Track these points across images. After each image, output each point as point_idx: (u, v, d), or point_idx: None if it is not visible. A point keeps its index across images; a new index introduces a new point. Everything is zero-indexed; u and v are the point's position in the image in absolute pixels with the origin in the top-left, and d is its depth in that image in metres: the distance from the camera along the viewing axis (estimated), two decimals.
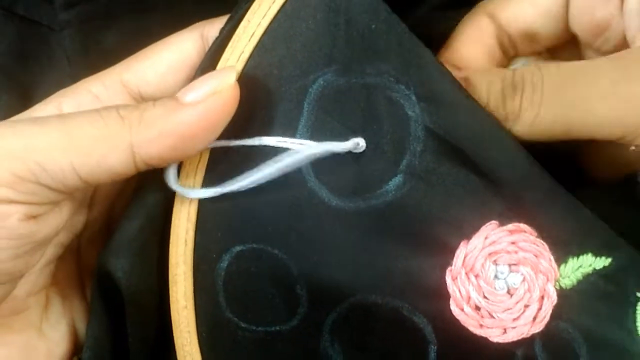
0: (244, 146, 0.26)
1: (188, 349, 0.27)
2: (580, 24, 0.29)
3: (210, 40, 0.27)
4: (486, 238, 0.25)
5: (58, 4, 0.36)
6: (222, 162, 0.26)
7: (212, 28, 0.28)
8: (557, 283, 0.26)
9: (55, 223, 0.25)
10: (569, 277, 0.26)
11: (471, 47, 0.30)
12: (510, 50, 0.31)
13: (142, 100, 0.28)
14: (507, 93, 0.25)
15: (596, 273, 0.26)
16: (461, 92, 0.25)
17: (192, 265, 0.27)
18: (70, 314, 0.29)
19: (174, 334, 0.27)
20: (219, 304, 0.27)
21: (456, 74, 0.26)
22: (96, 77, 0.28)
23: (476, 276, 0.25)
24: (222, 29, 0.27)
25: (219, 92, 0.24)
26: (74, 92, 0.28)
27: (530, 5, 0.30)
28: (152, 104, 0.24)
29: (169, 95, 0.27)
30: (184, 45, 0.28)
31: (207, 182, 0.26)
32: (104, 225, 0.30)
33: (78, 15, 0.36)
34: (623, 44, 0.28)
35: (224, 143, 0.26)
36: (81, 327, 0.29)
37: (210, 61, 0.26)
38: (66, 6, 0.35)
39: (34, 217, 0.24)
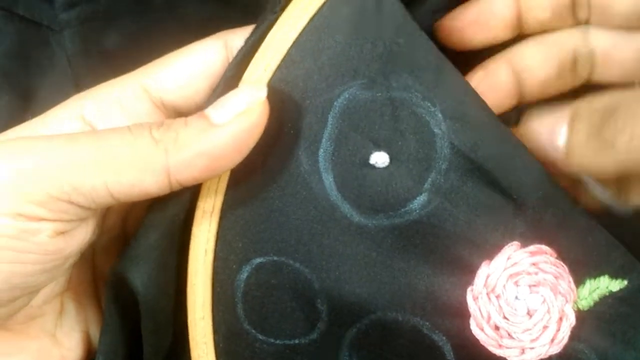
0: (268, 162, 0.26)
1: None
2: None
3: (235, 50, 0.27)
4: (508, 259, 0.25)
5: (58, 5, 0.35)
6: (245, 179, 0.26)
7: (236, 37, 0.27)
8: (575, 304, 0.26)
9: (82, 237, 0.25)
10: (586, 298, 0.26)
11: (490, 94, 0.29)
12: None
13: (163, 106, 0.28)
14: (604, 122, 0.25)
15: (612, 295, 0.26)
16: (486, 110, 0.26)
17: (211, 275, 0.27)
18: (84, 320, 0.28)
19: (191, 345, 0.27)
20: (237, 315, 0.27)
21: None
22: (118, 80, 0.28)
23: (497, 297, 0.25)
24: (248, 38, 0.26)
25: (249, 111, 0.24)
26: (95, 96, 0.27)
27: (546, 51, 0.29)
28: (183, 124, 0.24)
29: (191, 103, 0.28)
30: (207, 53, 0.27)
31: (228, 202, 0.26)
32: (119, 232, 0.30)
33: (78, 16, 0.36)
34: None
35: None
36: (95, 334, 0.29)
37: (235, 71, 0.26)
38: (66, 7, 0.35)
39: (62, 233, 0.24)
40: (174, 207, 0.27)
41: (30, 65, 0.36)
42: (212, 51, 0.28)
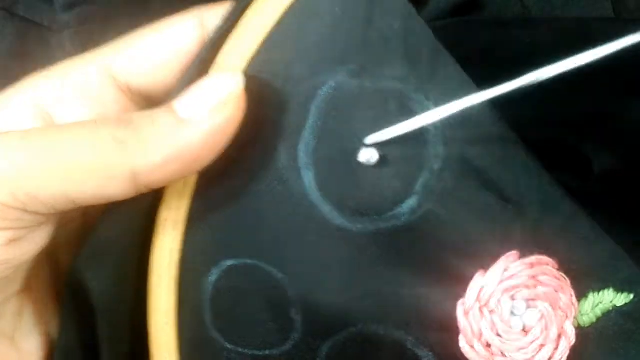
0: (243, 156, 0.23)
1: None
2: None
3: (212, 29, 0.24)
4: (505, 270, 0.23)
5: (58, 5, 0.35)
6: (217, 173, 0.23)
7: (213, 15, 0.24)
8: (576, 320, 0.24)
9: (39, 242, 0.23)
10: (588, 314, 0.24)
11: None
12: None
13: (129, 91, 0.25)
14: None
15: (616, 310, 0.24)
16: (486, 107, 0.23)
17: (176, 278, 0.25)
18: (44, 322, 0.26)
19: (153, 352, 0.25)
20: (204, 321, 0.25)
21: None
22: (78, 60, 0.25)
23: (491, 311, 0.23)
24: (226, 17, 0.24)
25: (224, 105, 0.21)
26: (51, 77, 0.24)
27: None
28: (150, 122, 0.21)
29: (162, 88, 0.25)
30: (181, 32, 0.25)
31: (197, 198, 0.24)
32: (80, 224, 0.27)
33: (77, 17, 0.36)
34: None
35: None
36: (56, 337, 0.26)
37: (209, 54, 0.23)
38: (66, 7, 0.35)
39: (16, 240, 0.21)
40: (137, 202, 0.24)
41: (29, 65, 0.34)
42: (187, 30, 0.25)
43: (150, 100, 0.26)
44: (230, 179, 0.24)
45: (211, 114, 0.21)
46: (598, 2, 0.36)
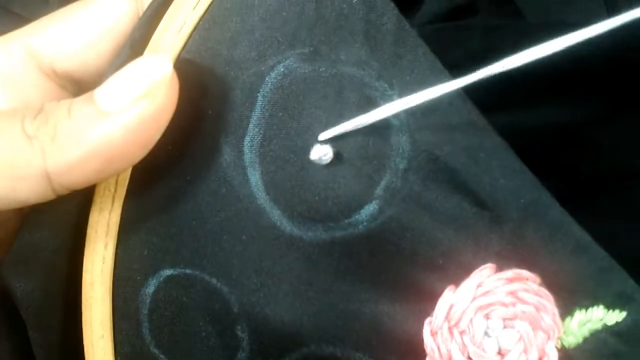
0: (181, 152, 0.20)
1: None
2: None
3: (146, 5, 0.21)
4: (479, 286, 0.20)
5: (52, 3, 0.36)
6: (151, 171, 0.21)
7: None
8: (560, 341, 0.21)
9: None
10: (574, 334, 0.21)
11: None
12: None
13: (55, 75, 0.22)
14: None
15: (607, 330, 0.21)
16: (459, 97, 0.20)
17: (110, 287, 0.22)
18: None
19: None
20: (142, 336, 0.22)
21: None
22: None
23: (461, 332, 0.20)
24: None
25: (152, 93, 0.19)
26: None
27: None
28: (66, 114, 0.19)
29: (92, 71, 0.23)
30: (112, 7, 0.22)
31: (131, 199, 0.21)
32: (16, 223, 0.24)
33: None
34: None
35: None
36: None
37: (142, 32, 0.21)
38: (60, 5, 0.32)
39: None
40: (63, 203, 0.21)
41: None
42: (119, 4, 0.22)
43: (81, 85, 0.23)
44: (168, 178, 0.21)
45: (135, 103, 0.19)
46: (591, 5, 0.36)
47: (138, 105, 0.19)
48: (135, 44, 0.21)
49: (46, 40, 0.22)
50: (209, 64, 0.20)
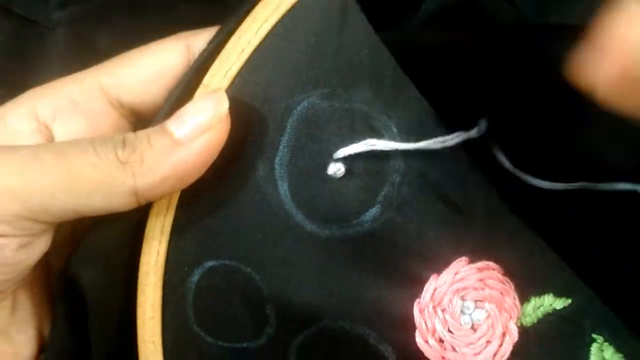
0: (225, 167, 0.26)
1: None
2: None
3: (197, 52, 0.27)
4: (456, 274, 0.26)
5: (51, 3, 0.36)
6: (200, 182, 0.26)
7: (198, 40, 0.27)
8: (519, 320, 0.26)
9: (44, 246, 0.25)
10: (530, 315, 0.27)
11: None
12: None
13: (120, 106, 0.28)
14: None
15: (556, 313, 0.27)
16: (441, 127, 0.26)
17: (162, 276, 0.27)
18: (38, 317, 0.28)
19: (139, 344, 0.27)
20: (186, 317, 0.27)
21: None
22: (74, 78, 0.28)
23: (443, 310, 0.26)
24: (210, 42, 0.26)
25: (213, 128, 0.24)
26: (48, 93, 0.27)
27: None
28: (148, 145, 0.24)
29: (149, 105, 0.28)
30: (169, 54, 0.27)
31: (182, 204, 0.26)
32: (74, 227, 0.29)
33: (70, 15, 0.36)
34: None
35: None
36: (48, 330, 0.28)
37: (195, 74, 0.26)
38: (59, 6, 0.36)
39: (25, 245, 0.24)
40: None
41: (25, 61, 0.37)
42: (173, 52, 0.27)
43: (138, 115, 0.28)
44: (213, 188, 0.26)
45: (202, 134, 0.24)
46: (592, 6, 0.36)
47: (204, 136, 0.24)
48: (188, 84, 0.26)
49: (115, 79, 0.27)
50: (249, 100, 0.26)
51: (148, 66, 0.27)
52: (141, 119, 0.29)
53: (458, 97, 0.28)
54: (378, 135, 0.26)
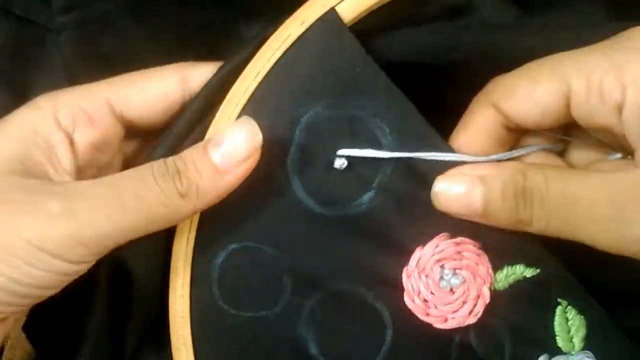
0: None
1: (182, 332, 0.32)
2: (583, 124, 0.29)
3: (192, 82, 0.32)
4: (437, 246, 0.31)
5: (55, 8, 0.36)
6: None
7: (194, 72, 0.32)
8: (492, 285, 0.31)
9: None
10: (502, 282, 0.31)
11: (480, 136, 0.31)
12: (517, 131, 0.31)
13: (122, 119, 0.32)
14: (519, 202, 0.29)
15: (526, 280, 0.31)
16: (425, 127, 0.31)
17: (191, 260, 0.32)
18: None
19: (170, 319, 0.32)
20: (212, 293, 0.32)
21: (472, 171, 0.30)
22: (84, 90, 0.31)
23: (426, 276, 0.31)
24: (221, 67, 0.32)
25: (252, 156, 0.28)
26: (67, 102, 0.30)
27: (534, 104, 0.29)
28: (197, 173, 0.28)
29: (148, 121, 0.32)
30: (167, 81, 0.31)
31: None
32: None
33: (75, 20, 0.36)
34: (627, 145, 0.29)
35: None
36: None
37: (217, 89, 0.31)
38: (63, 10, 0.36)
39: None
40: None
41: (25, 63, 0.37)
42: (172, 80, 0.32)
43: (136, 127, 0.32)
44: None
45: (242, 163, 0.29)
46: (592, 6, 0.36)
47: (244, 165, 0.28)
48: (212, 96, 0.31)
49: (120, 97, 0.31)
50: (265, 112, 0.31)
51: (149, 90, 0.31)
52: (136, 129, 0.33)
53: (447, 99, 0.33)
54: (372, 135, 0.31)
